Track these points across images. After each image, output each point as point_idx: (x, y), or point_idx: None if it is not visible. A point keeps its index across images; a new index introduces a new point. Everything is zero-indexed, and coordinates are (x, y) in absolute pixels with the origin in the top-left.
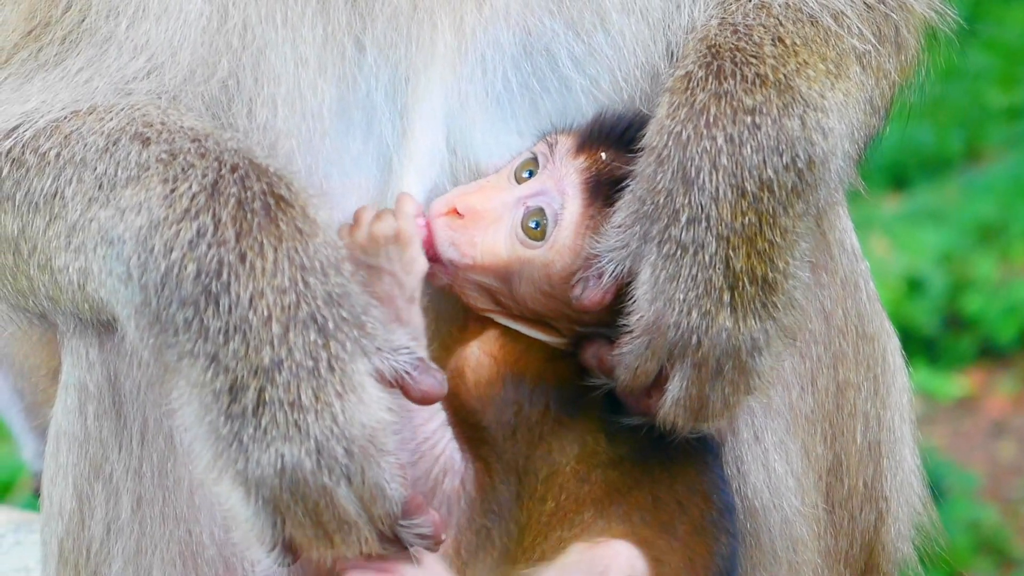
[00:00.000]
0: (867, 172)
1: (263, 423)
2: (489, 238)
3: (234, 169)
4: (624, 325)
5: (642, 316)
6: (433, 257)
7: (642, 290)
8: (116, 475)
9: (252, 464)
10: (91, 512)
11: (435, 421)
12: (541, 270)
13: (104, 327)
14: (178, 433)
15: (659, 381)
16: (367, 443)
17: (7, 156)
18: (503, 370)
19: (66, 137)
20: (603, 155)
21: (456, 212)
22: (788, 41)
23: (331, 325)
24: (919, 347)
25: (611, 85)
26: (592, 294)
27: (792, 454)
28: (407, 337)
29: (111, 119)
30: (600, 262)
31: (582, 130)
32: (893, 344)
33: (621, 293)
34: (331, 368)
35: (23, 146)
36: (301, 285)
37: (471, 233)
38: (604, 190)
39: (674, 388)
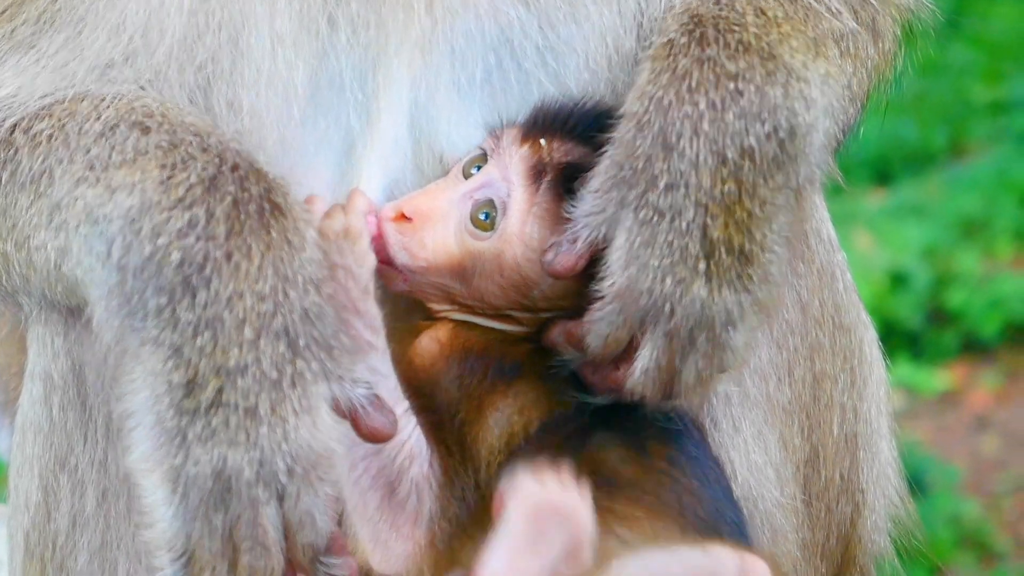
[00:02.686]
0: (850, 166)
1: (213, 423)
2: (439, 236)
3: (235, 168)
4: (592, 295)
5: (614, 282)
6: (388, 262)
7: (616, 255)
8: (81, 467)
9: (190, 462)
10: (56, 504)
11: (398, 408)
12: (492, 261)
13: (71, 314)
14: (122, 420)
15: (628, 353)
16: (310, 467)
17: None
18: (446, 351)
19: (59, 121)
20: (542, 141)
21: (404, 216)
22: (770, 14)
23: (302, 342)
24: (902, 341)
25: (580, 77)
26: (565, 259)
27: (770, 445)
28: (367, 371)
29: (108, 107)
30: (575, 227)
31: (526, 119)
32: (870, 336)
33: (594, 260)
34: (293, 384)
35: (11, 129)
36: (281, 296)
37: (420, 235)
38: (550, 176)
39: (643, 357)
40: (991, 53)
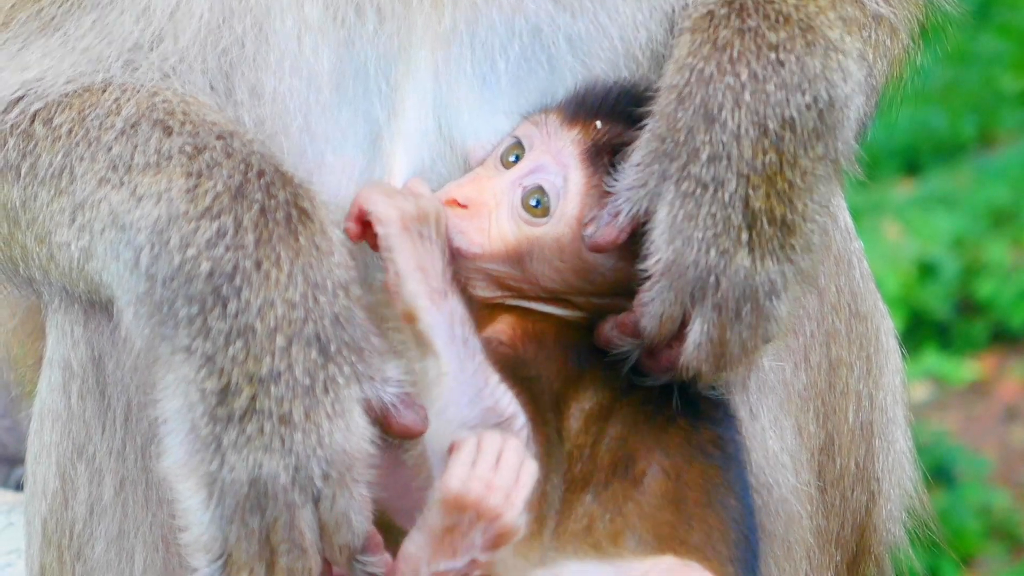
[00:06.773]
0: (879, 156)
1: (248, 430)
2: (494, 223)
3: (260, 175)
4: (642, 272)
5: (660, 258)
6: None
7: (659, 230)
8: (99, 456)
9: (226, 468)
10: (74, 492)
11: (492, 377)
12: (552, 245)
13: (91, 304)
14: (156, 426)
15: (680, 330)
16: (345, 470)
17: (13, 127)
18: (519, 338)
19: (80, 113)
20: (598, 124)
21: (457, 203)
22: None
23: (333, 347)
24: (931, 331)
25: (606, 66)
26: (607, 233)
27: (786, 431)
28: (398, 369)
29: (129, 100)
30: (616, 201)
31: (570, 103)
32: (887, 325)
33: (637, 235)
34: (326, 390)
35: (31, 118)
36: (311, 302)
37: (477, 221)
38: (605, 157)
39: (695, 332)
40: (1021, 42)
